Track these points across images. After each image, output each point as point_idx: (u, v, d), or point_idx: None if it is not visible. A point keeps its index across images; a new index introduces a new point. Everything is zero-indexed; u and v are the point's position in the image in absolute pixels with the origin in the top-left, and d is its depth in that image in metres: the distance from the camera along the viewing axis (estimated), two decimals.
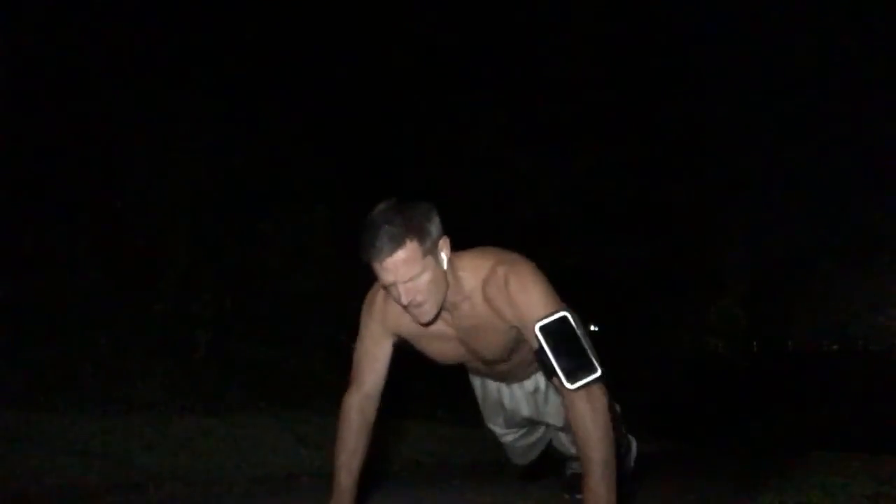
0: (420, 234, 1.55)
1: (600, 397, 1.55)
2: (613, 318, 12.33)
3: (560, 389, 1.55)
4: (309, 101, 7.14)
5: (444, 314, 1.72)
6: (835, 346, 24.21)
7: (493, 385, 2.20)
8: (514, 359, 1.87)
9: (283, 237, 6.62)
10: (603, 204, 10.69)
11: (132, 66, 5.78)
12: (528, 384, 2.14)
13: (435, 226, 1.60)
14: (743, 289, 20.30)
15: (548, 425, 2.24)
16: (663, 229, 12.30)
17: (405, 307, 1.60)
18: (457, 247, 1.71)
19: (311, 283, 6.74)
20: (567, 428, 2.22)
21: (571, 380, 1.49)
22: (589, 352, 1.54)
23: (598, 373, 1.50)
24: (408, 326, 1.77)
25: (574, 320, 1.55)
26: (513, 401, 2.17)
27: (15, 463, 2.82)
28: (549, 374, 1.54)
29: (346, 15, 7.61)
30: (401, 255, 1.52)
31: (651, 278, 12.32)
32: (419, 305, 1.59)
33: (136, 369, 4.64)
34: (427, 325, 1.72)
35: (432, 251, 1.58)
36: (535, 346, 1.56)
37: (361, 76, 7.80)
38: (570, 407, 1.54)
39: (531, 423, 2.27)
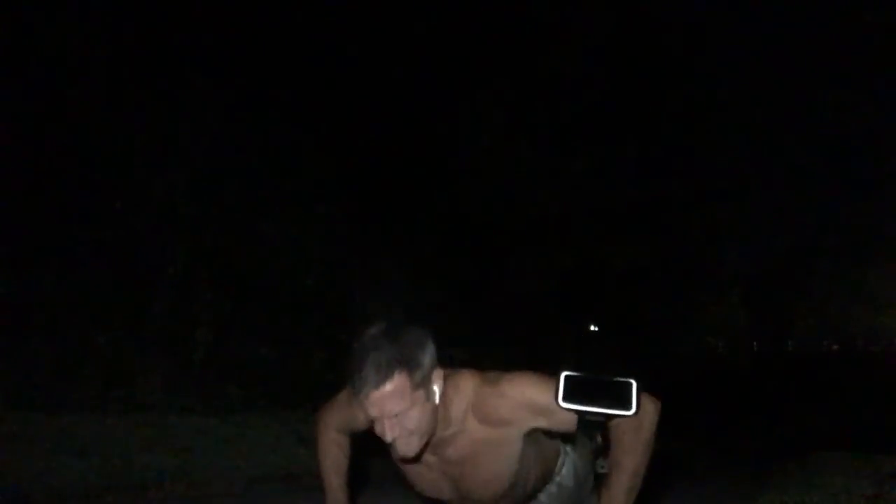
0: (411, 365, 1.41)
1: (652, 409, 1.51)
2: (613, 318, 12.34)
3: (621, 423, 1.48)
4: (309, 101, 7.13)
5: (430, 448, 1.58)
6: (835, 346, 24.23)
7: None
8: (504, 496, 1.72)
9: (283, 237, 6.61)
10: (603, 204, 10.69)
11: (132, 66, 5.78)
12: None
13: (429, 356, 1.46)
14: (743, 289, 20.29)
15: None
16: (663, 229, 12.29)
17: (388, 442, 1.47)
18: (457, 254, 1.62)
19: (311, 283, 6.73)
20: None
21: (626, 406, 1.44)
22: (609, 376, 1.50)
23: (634, 382, 1.46)
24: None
25: (572, 371, 1.51)
26: None
27: (15, 463, 2.82)
28: (604, 425, 1.48)
29: (347, 15, 7.61)
30: (388, 388, 1.39)
31: (651, 278, 12.32)
32: (404, 440, 1.46)
33: (136, 369, 4.65)
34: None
35: (423, 384, 1.45)
36: (573, 422, 1.48)
37: (362, 76, 7.79)
38: (619, 422, 1.49)
39: None
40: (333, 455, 1.80)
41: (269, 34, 6.87)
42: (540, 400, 1.50)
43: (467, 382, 1.55)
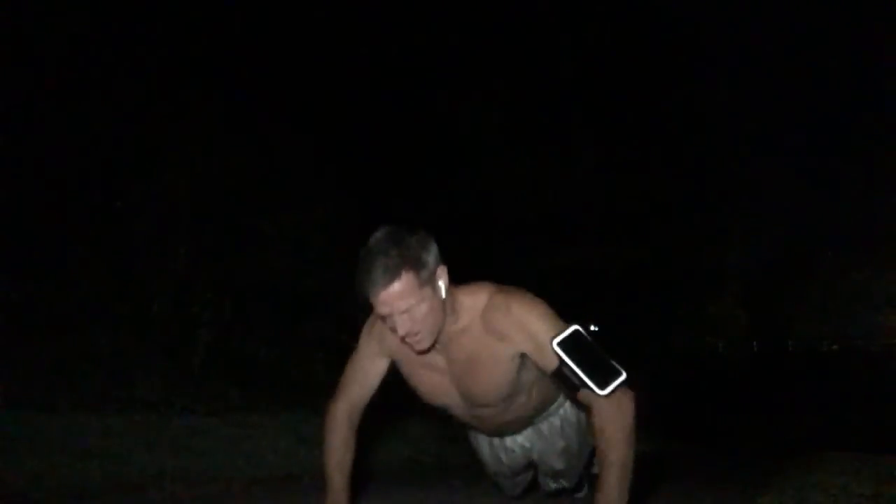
0: (416, 264, 1.52)
1: (628, 401, 1.55)
2: (613, 317, 12.33)
3: (589, 399, 1.54)
4: (310, 101, 7.14)
5: (440, 346, 1.70)
6: (835, 346, 24.21)
7: (486, 441, 2.18)
8: (506, 406, 1.83)
9: (283, 237, 6.62)
10: (603, 203, 10.69)
11: (132, 67, 5.78)
12: (521, 438, 2.12)
13: (432, 255, 1.58)
14: (743, 289, 20.29)
15: (545, 469, 2.22)
16: (663, 229, 12.29)
17: (402, 338, 1.59)
18: (456, 259, 1.68)
19: (311, 283, 6.73)
20: (560, 474, 2.21)
21: (602, 386, 1.49)
22: (609, 357, 1.54)
23: (624, 374, 1.51)
24: (403, 352, 1.77)
25: (585, 331, 1.56)
26: (509, 455, 2.16)
27: (15, 463, 2.82)
28: (576, 387, 1.53)
29: (346, 15, 7.61)
30: (396, 287, 1.50)
31: (651, 277, 12.32)
32: (416, 334, 1.58)
33: (136, 369, 4.64)
34: (422, 352, 1.71)
35: (430, 281, 1.55)
36: (553, 365, 1.55)
37: (361, 76, 7.80)
38: (596, 411, 1.55)
39: (527, 468, 2.27)
40: (339, 454, 1.82)
41: (269, 34, 6.87)
42: (538, 330, 1.60)
43: (484, 290, 1.69)
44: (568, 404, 2.06)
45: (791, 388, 14.96)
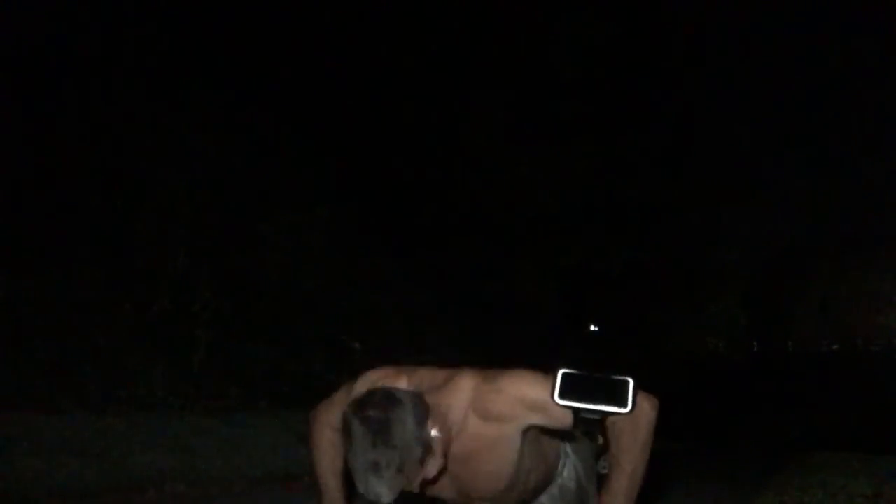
0: (413, 462, 1.44)
1: (649, 408, 1.52)
2: (613, 318, 12.34)
3: (617, 422, 1.50)
4: (310, 102, 7.13)
5: None
6: (835, 346, 24.22)
7: None
8: (502, 498, 1.74)
9: (283, 237, 6.61)
10: (603, 204, 10.68)
11: (133, 67, 5.78)
12: None
13: (421, 436, 1.47)
14: (743, 289, 20.27)
15: None
16: (663, 229, 12.29)
17: None
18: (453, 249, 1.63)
19: (311, 283, 6.73)
20: None
21: (622, 404, 1.46)
22: (606, 375, 1.51)
23: (631, 380, 1.48)
24: None
25: (569, 368, 1.52)
26: None
27: (15, 463, 2.82)
28: (600, 422, 1.49)
29: (346, 15, 7.60)
30: (400, 487, 1.45)
31: (651, 278, 12.32)
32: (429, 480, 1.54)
33: (136, 369, 4.64)
34: None
35: (428, 452, 1.48)
36: (569, 419, 1.51)
37: (362, 75, 7.79)
38: (617, 422, 1.51)
39: None
40: (330, 456, 1.80)
41: (271, 35, 6.87)
42: (536, 396, 1.52)
43: (467, 381, 1.58)
44: (566, 473, 2.01)
45: (791, 388, 14.95)
